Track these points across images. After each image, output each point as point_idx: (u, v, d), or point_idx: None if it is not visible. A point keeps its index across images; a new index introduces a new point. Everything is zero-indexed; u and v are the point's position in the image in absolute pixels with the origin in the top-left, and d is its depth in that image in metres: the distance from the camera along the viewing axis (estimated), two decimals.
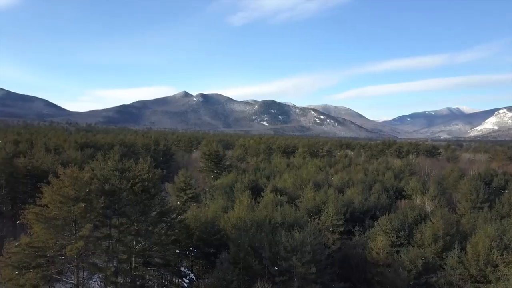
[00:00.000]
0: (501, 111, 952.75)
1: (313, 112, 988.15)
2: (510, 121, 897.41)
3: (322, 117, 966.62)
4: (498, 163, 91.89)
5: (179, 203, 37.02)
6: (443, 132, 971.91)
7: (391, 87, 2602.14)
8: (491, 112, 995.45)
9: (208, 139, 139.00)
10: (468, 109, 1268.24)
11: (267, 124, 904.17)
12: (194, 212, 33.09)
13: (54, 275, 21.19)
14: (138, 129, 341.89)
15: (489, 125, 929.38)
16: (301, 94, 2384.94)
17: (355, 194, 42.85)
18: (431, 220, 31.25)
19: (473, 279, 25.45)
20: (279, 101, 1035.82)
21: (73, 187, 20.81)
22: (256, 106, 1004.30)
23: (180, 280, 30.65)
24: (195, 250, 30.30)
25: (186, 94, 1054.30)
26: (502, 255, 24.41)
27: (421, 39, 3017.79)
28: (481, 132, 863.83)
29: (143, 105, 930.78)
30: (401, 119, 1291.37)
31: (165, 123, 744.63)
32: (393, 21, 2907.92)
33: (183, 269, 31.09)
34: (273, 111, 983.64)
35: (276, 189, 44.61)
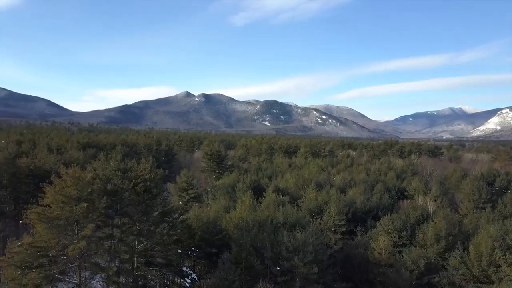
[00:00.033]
0: (503, 111, 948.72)
1: (315, 112, 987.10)
2: None
3: (324, 117, 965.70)
4: (500, 163, 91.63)
5: (181, 203, 37.09)
6: (445, 132, 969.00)
7: (393, 87, 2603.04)
8: (493, 112, 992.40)
9: (210, 139, 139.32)
10: (471, 109, 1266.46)
11: (269, 124, 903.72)
12: (196, 212, 33.13)
13: (56, 275, 21.24)
14: (140, 129, 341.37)
15: (491, 125, 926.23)
16: (303, 94, 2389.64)
17: (357, 194, 42.77)
18: (433, 220, 31.19)
19: (475, 280, 25.37)
20: (281, 101, 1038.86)
21: (75, 187, 20.87)
22: (258, 106, 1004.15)
23: (182, 280, 30.68)
24: (197, 250, 30.33)
25: (188, 94, 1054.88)
26: (505, 255, 24.31)
27: (423, 39, 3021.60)
28: (483, 132, 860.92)
29: (145, 105, 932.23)
30: (403, 119, 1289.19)
31: (167, 123, 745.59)
32: (394, 21, 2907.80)
33: (185, 269, 31.14)
34: (275, 111, 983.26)
35: (278, 189, 44.61)
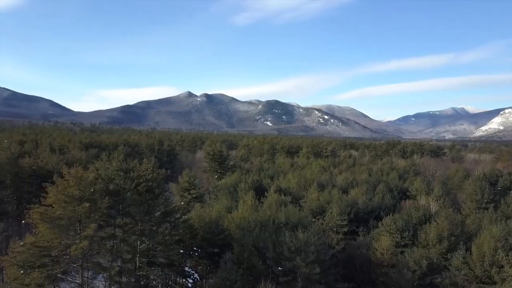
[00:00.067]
0: (506, 111, 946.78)
1: (317, 112, 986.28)
2: None
3: (326, 117, 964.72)
4: (503, 163, 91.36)
5: (183, 203, 37.15)
6: (448, 132, 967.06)
7: (395, 87, 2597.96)
8: (496, 112, 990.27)
9: (212, 139, 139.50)
10: (473, 109, 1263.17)
11: (271, 124, 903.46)
12: (198, 212, 33.14)
13: (59, 275, 21.28)
14: (142, 129, 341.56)
15: (494, 125, 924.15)
16: (305, 94, 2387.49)
17: (359, 195, 42.72)
18: (435, 221, 31.15)
19: (478, 280, 25.32)
20: (283, 101, 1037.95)
21: (77, 187, 20.92)
22: (260, 106, 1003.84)
23: (184, 280, 30.75)
24: (199, 250, 30.36)
25: (190, 94, 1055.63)
26: (508, 255, 24.27)
27: (424, 39, 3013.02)
28: (486, 132, 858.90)
29: (147, 105, 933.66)
30: (405, 119, 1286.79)
31: (169, 123, 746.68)
32: (396, 21, 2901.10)
33: (187, 269, 31.20)
34: (277, 111, 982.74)
35: (280, 189, 44.56)
